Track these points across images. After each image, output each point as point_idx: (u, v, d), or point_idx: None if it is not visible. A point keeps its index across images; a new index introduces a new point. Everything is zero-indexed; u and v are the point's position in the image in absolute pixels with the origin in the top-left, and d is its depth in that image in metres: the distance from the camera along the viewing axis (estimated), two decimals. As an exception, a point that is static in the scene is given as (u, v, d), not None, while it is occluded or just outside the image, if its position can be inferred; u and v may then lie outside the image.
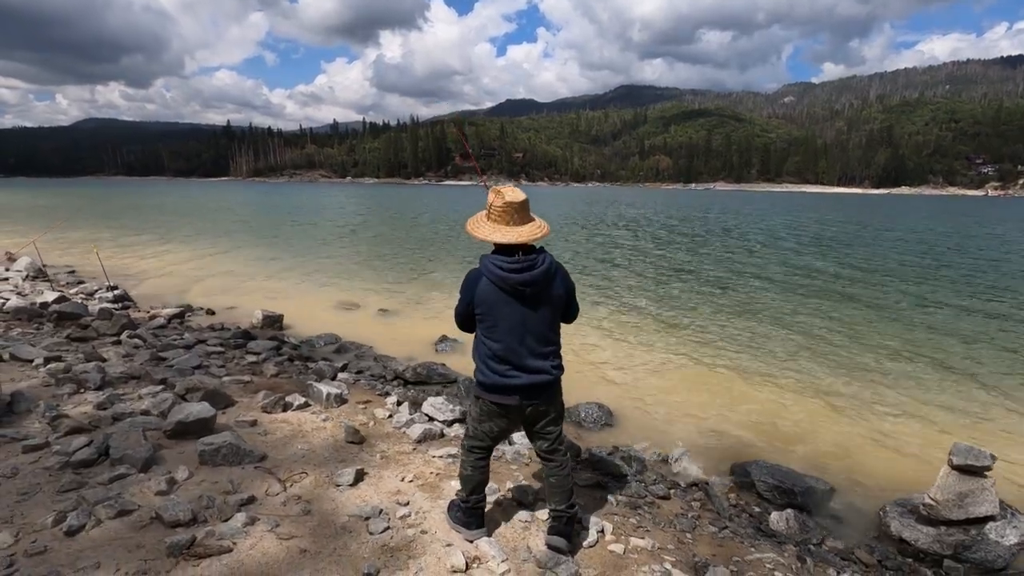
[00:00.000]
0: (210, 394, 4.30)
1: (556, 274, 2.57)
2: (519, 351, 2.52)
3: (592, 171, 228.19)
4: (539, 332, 2.55)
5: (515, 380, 2.54)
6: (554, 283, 2.56)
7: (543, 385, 2.59)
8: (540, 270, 2.48)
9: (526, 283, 2.45)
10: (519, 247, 2.49)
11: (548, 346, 2.60)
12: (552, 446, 2.77)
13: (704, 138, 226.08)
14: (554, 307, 2.59)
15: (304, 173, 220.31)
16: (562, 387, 2.76)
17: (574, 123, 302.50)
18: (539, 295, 2.51)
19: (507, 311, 2.50)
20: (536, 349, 2.55)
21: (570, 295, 2.69)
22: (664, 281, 12.00)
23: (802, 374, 6.35)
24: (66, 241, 17.62)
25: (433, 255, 16.37)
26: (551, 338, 2.61)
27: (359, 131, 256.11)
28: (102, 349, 5.83)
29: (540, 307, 2.53)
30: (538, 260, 2.50)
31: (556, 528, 2.77)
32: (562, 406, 2.81)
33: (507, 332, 2.51)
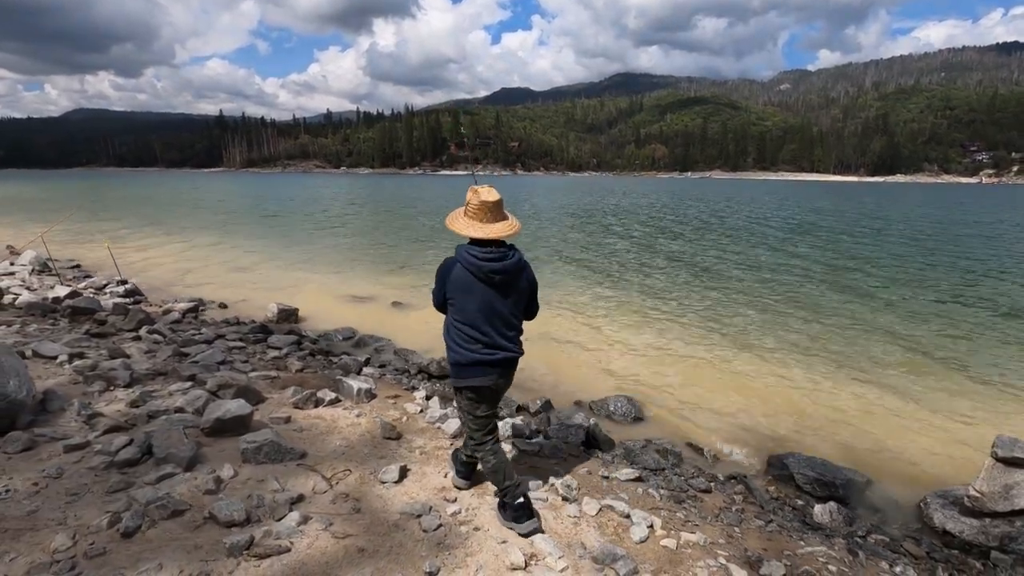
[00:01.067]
0: (242, 391, 4.27)
1: (524, 268, 2.88)
2: (488, 331, 2.81)
3: (588, 160, 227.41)
4: (505, 317, 2.84)
5: (493, 355, 2.82)
6: (522, 275, 2.87)
7: (511, 361, 2.91)
8: (511, 262, 2.78)
9: (497, 271, 2.74)
10: (492, 242, 2.77)
11: (512, 330, 2.90)
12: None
13: (700, 126, 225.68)
14: (519, 297, 2.89)
15: (298, 163, 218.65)
16: None
17: (570, 112, 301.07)
18: (508, 284, 2.80)
19: (478, 296, 2.77)
20: (503, 331, 2.85)
21: (534, 290, 3.00)
22: (681, 273, 11.99)
23: (829, 365, 6.38)
24: (67, 234, 17.45)
25: (440, 246, 16.30)
26: (514, 324, 2.92)
27: (353, 121, 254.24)
28: (123, 345, 5.78)
29: (508, 295, 2.82)
30: (509, 253, 2.81)
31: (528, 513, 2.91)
32: None
33: (477, 314, 2.79)
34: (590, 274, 11.70)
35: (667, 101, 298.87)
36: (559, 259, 13.81)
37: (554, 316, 8.24)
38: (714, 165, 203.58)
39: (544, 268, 12.49)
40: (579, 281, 10.90)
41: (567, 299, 9.36)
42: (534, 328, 7.56)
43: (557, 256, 14.31)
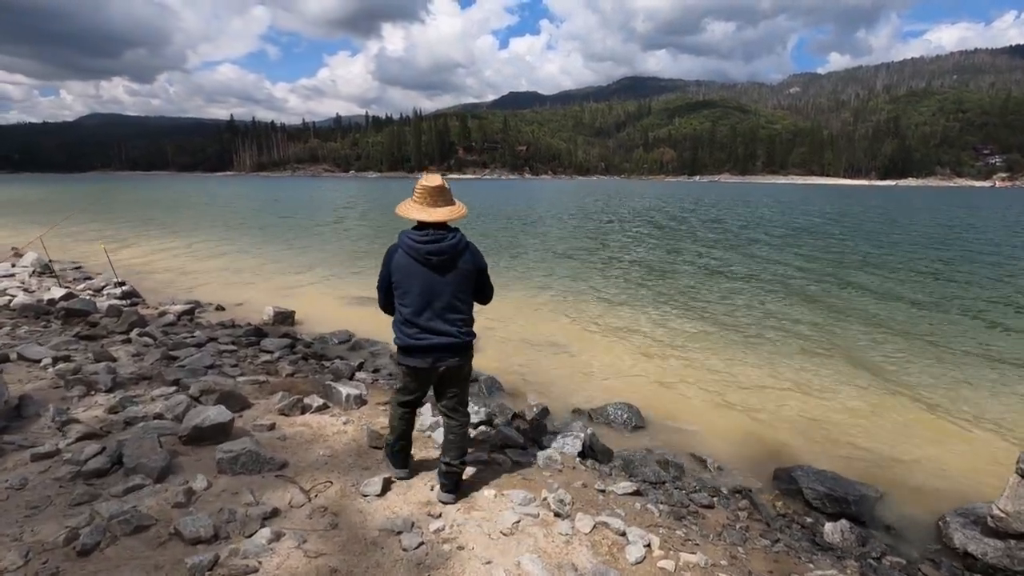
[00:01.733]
0: (225, 396, 4.11)
1: (465, 250, 2.90)
2: (428, 315, 2.86)
3: (596, 164, 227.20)
4: (447, 300, 2.87)
5: (425, 341, 2.88)
6: (462, 257, 2.88)
7: (451, 347, 2.92)
8: (448, 243, 2.83)
9: (433, 252, 2.81)
10: (432, 225, 2.86)
11: (455, 314, 2.91)
12: (454, 404, 3.11)
13: (709, 130, 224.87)
14: (462, 280, 2.89)
15: (307, 167, 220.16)
16: (472, 354, 3.10)
17: (578, 115, 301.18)
18: (446, 266, 2.85)
19: (418, 278, 2.85)
20: (444, 315, 2.88)
21: (481, 272, 3.00)
22: (686, 276, 11.75)
23: (839, 370, 6.13)
24: (72, 236, 17.49)
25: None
26: (459, 307, 2.92)
27: (362, 125, 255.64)
28: (112, 348, 5.66)
29: (448, 278, 2.85)
30: (447, 236, 2.86)
31: (447, 485, 3.08)
32: (470, 371, 3.16)
33: (417, 297, 2.86)
34: (593, 277, 11.51)
35: (675, 104, 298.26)
36: (563, 261, 13.62)
37: (555, 320, 8.06)
38: (723, 169, 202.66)
39: (548, 271, 12.31)
40: (581, 284, 10.71)
41: (568, 302, 9.18)
42: (535, 332, 7.40)
43: (561, 258, 14.12)
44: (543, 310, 8.68)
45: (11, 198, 42.43)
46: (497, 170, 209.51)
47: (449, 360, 2.95)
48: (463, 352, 3.00)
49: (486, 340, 7.04)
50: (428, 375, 3.01)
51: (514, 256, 14.74)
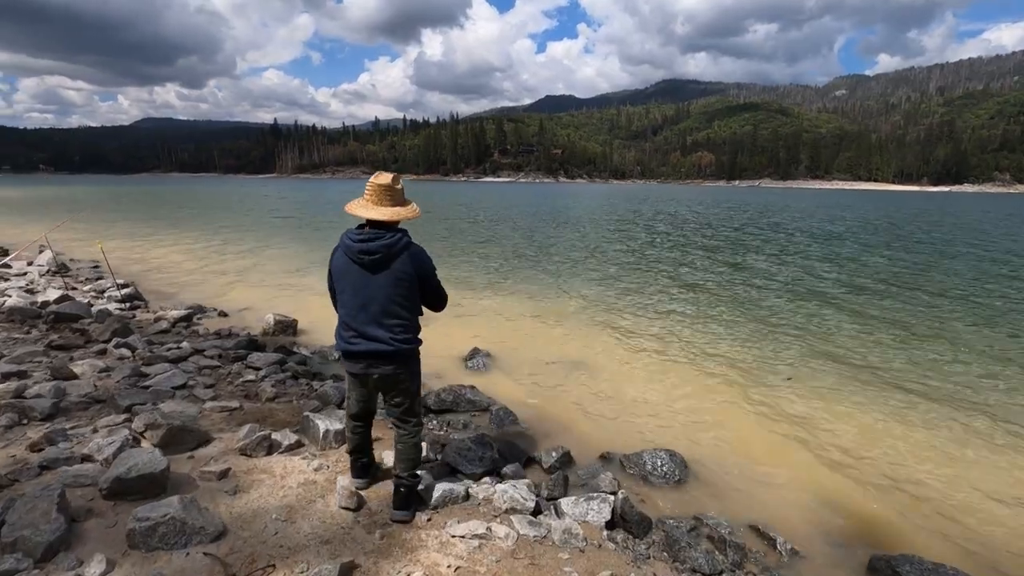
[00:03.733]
0: (174, 433, 3.38)
1: (403, 252, 2.68)
2: (360, 318, 2.70)
3: (632, 167, 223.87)
4: (382, 303, 2.68)
5: (357, 346, 2.73)
6: (398, 259, 2.67)
7: (383, 354, 2.72)
8: (380, 243, 2.64)
9: (364, 251, 2.65)
10: (378, 224, 2.70)
11: (392, 319, 2.71)
12: (400, 414, 2.92)
13: (749, 133, 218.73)
14: (399, 282, 2.68)
15: (346, 170, 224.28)
16: (415, 363, 2.90)
17: (614, 119, 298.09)
18: (379, 266, 2.66)
19: (352, 279, 2.70)
20: (378, 319, 2.69)
21: (423, 277, 2.77)
22: (741, 293, 10.50)
23: (953, 422, 4.84)
24: (99, 236, 17.48)
25: (466, 254, 15.42)
26: (396, 312, 2.71)
27: (400, 128, 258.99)
28: (81, 360, 5.04)
29: (383, 280, 2.66)
30: (384, 235, 2.67)
31: (397, 500, 2.88)
32: (411, 380, 2.89)
33: (351, 298, 2.72)
34: (630, 289, 10.47)
35: (715, 108, 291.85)
36: (596, 270, 12.66)
37: (585, 339, 7.11)
38: (763, 173, 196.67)
39: (579, 280, 11.38)
40: (616, 297, 9.68)
41: (601, 318, 8.18)
42: (560, 352, 6.48)
43: (594, 267, 13.17)
44: (572, 326, 7.76)
45: (60, 197, 43.94)
46: (532, 173, 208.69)
47: (382, 367, 2.76)
48: (399, 360, 2.77)
49: (504, 360, 6.20)
50: (365, 382, 2.85)
51: (541, 262, 13.86)
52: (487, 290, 10.18)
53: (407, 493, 2.89)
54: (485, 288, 10.37)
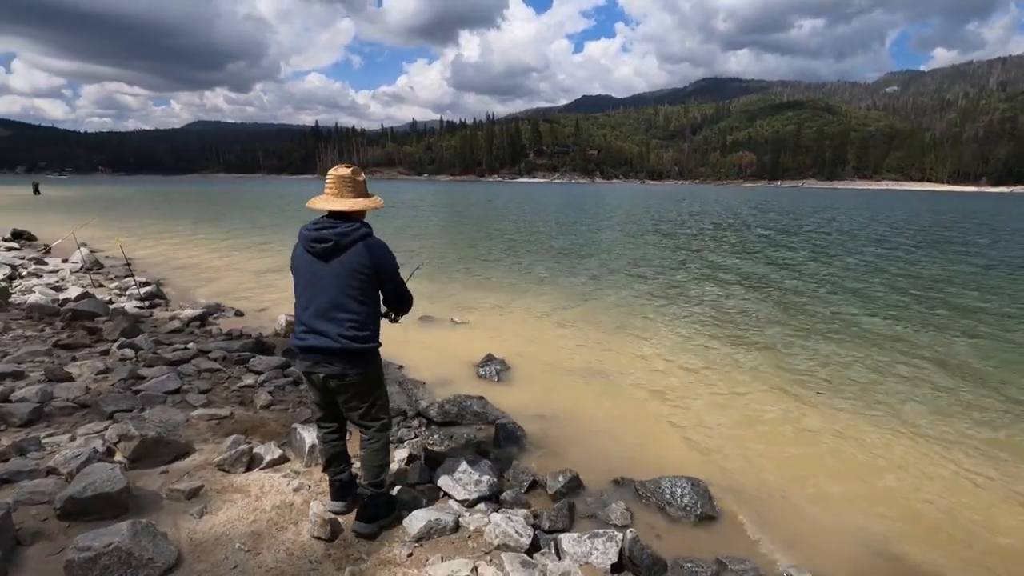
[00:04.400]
0: (148, 445, 3.15)
1: (358, 242, 2.52)
2: (310, 311, 2.55)
3: (669, 168, 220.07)
4: (331, 296, 2.51)
5: (303, 341, 2.56)
6: (352, 249, 2.51)
7: (329, 351, 2.52)
8: (334, 231, 2.51)
9: (316, 239, 2.51)
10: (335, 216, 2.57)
11: (341, 312, 2.52)
12: (360, 420, 2.71)
13: (793, 132, 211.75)
14: (352, 274, 2.51)
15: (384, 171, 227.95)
16: (370, 365, 2.64)
17: (651, 118, 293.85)
18: (330, 255, 2.51)
19: (305, 269, 2.58)
20: (327, 312, 2.52)
21: (380, 272, 2.58)
22: (785, 301, 9.67)
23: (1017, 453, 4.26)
24: (136, 234, 17.93)
25: (491, 253, 15.11)
26: (347, 305, 2.53)
27: (436, 129, 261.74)
28: (83, 361, 4.94)
29: (335, 270, 2.51)
30: (339, 225, 2.53)
31: (360, 512, 2.70)
32: (365, 383, 2.64)
33: (302, 289, 2.59)
34: (664, 300, 9.87)
35: (757, 106, 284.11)
36: (630, 278, 12.14)
37: (610, 351, 6.59)
38: (807, 173, 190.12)
39: (612, 287, 10.90)
40: (651, 308, 9.01)
41: (631, 329, 7.62)
42: (583, 361, 6.04)
43: (628, 275, 12.65)
44: (597, 334, 7.29)
45: (112, 195, 45.80)
46: (567, 174, 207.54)
47: (328, 367, 2.54)
48: (348, 360, 2.53)
49: (520, 368, 5.83)
50: (315, 382, 2.63)
51: (569, 264, 13.43)
52: (509, 292, 9.83)
53: (371, 504, 2.71)
54: (507, 290, 10.02)
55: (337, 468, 2.83)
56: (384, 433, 2.75)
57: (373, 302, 2.63)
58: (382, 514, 2.74)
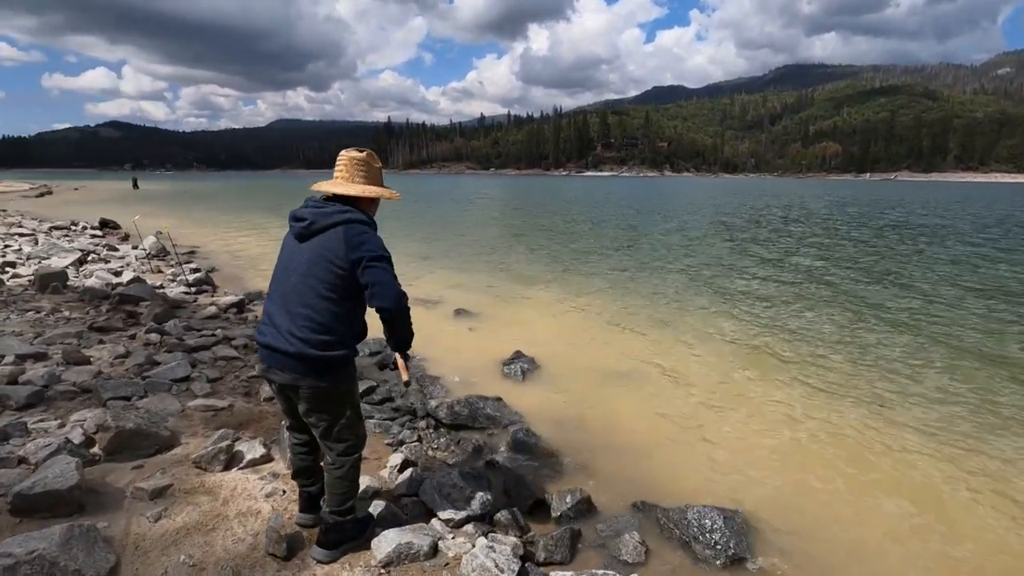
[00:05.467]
0: (125, 437, 2.98)
1: (339, 225, 2.12)
2: (276, 300, 2.19)
3: (744, 160, 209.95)
4: (294, 284, 2.14)
5: (261, 336, 2.21)
6: (327, 233, 2.12)
7: (283, 355, 2.11)
8: (319, 210, 2.18)
9: (295, 218, 2.23)
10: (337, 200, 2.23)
11: (300, 307, 2.11)
12: (321, 438, 2.29)
13: (885, 120, 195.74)
14: (320, 261, 2.10)
15: (451, 165, 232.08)
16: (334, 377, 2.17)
17: (726, 108, 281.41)
18: (305, 236, 2.17)
19: (284, 250, 2.28)
20: (288, 304, 2.14)
21: (355, 263, 2.07)
22: (867, 310, 8.56)
23: None
24: (208, 224, 18.85)
25: (541, 247, 14.64)
26: (309, 301, 2.11)
27: (503, 124, 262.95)
28: (109, 344, 4.97)
29: (306, 254, 2.15)
30: (327, 205, 2.20)
31: (320, 538, 2.34)
32: (325, 398, 2.19)
33: (276, 274, 2.27)
34: (721, 300, 8.89)
35: (844, 93, 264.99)
36: (688, 276, 11.32)
37: (653, 355, 5.89)
38: (900, 165, 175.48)
39: (668, 285, 10.18)
40: (707, 309, 8.22)
41: (679, 332, 6.89)
42: (616, 369, 5.44)
43: (687, 272, 11.83)
44: (641, 336, 6.64)
45: (200, 189, 49.05)
46: (635, 167, 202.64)
47: (280, 375, 2.15)
48: (301, 368, 2.10)
49: (549, 368, 5.37)
50: (272, 387, 2.30)
51: (624, 258, 12.76)
52: (555, 288, 9.35)
53: (333, 530, 2.34)
54: (553, 285, 9.54)
55: (305, 480, 2.51)
56: (349, 457, 2.32)
57: (345, 301, 2.14)
58: (346, 539, 2.38)
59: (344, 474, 2.31)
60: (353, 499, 2.38)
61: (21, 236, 12.89)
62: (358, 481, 2.44)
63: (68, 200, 34.17)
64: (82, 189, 48.40)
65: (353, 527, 2.41)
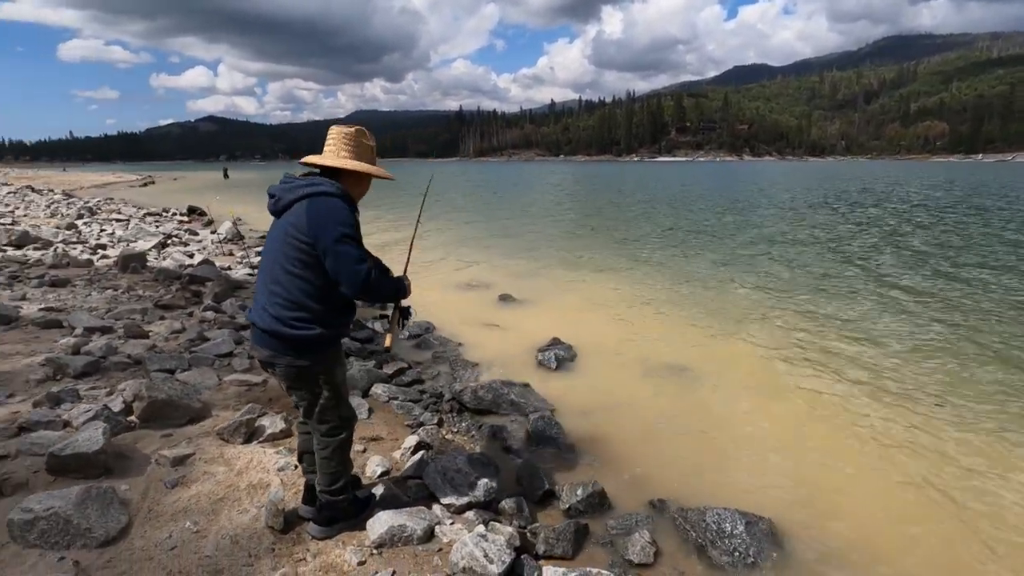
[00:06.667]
0: (158, 407, 3.15)
1: (302, 199, 2.07)
2: (260, 277, 2.21)
3: (834, 142, 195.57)
4: (272, 266, 2.13)
5: (249, 314, 2.22)
6: (292, 209, 2.09)
7: (261, 331, 2.12)
8: (285, 186, 2.15)
9: (271, 193, 2.19)
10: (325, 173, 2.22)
11: (275, 286, 2.10)
12: (307, 420, 2.31)
13: (1003, 95, 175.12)
14: (287, 239, 2.07)
15: (521, 153, 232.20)
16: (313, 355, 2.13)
17: (815, 87, 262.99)
18: (278, 214, 2.16)
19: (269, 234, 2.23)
20: (266, 283, 2.15)
21: (318, 236, 2.01)
22: (952, 305, 7.90)
23: None
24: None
25: (600, 236, 14.29)
26: (278, 277, 2.10)
27: (574, 109, 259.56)
28: (171, 320, 5.32)
29: (277, 234, 2.14)
30: (296, 180, 2.16)
31: (316, 515, 2.36)
32: (306, 377, 2.17)
33: (263, 251, 2.27)
34: (783, 302, 8.19)
35: (954, 66, 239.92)
36: (753, 267, 10.68)
37: (699, 347, 5.53)
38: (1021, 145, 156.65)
39: (729, 275, 9.65)
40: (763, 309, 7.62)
41: (728, 326, 6.45)
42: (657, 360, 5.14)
43: (753, 264, 11.16)
44: (691, 327, 6.31)
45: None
46: (712, 151, 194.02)
47: (259, 351, 2.16)
48: (277, 346, 2.10)
49: (585, 356, 5.20)
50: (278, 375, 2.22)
51: (684, 246, 12.21)
52: (603, 275, 9.08)
53: (327, 508, 2.36)
54: (602, 273, 9.28)
55: (308, 466, 2.46)
56: (332, 439, 2.28)
57: (316, 278, 2.08)
58: (341, 517, 2.39)
59: (330, 455, 2.29)
60: (343, 479, 2.36)
61: (117, 221, 14.14)
62: (348, 461, 2.41)
63: (167, 189, 37.24)
64: (180, 179, 52.59)
65: (349, 506, 2.41)
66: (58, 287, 6.46)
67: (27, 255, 8.49)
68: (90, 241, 10.34)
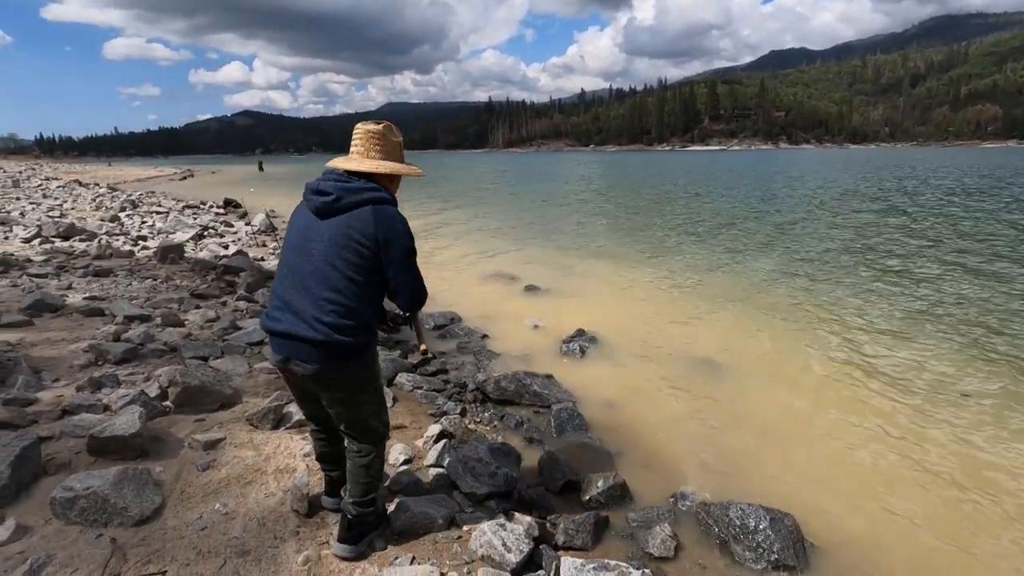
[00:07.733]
0: (191, 393, 3.26)
1: (365, 204, 1.97)
2: (290, 282, 2.01)
3: (877, 128, 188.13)
4: (317, 265, 1.96)
5: (275, 323, 2.01)
6: (354, 212, 1.96)
7: (305, 341, 1.94)
8: (340, 184, 2.00)
9: (316, 191, 2.03)
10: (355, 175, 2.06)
11: (325, 289, 1.95)
12: (345, 429, 2.19)
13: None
14: (349, 242, 1.94)
15: (550, 143, 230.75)
16: (361, 364, 2.06)
17: (856, 71, 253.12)
18: (328, 212, 1.98)
19: (297, 226, 2.07)
20: (307, 284, 1.97)
21: (385, 248, 1.96)
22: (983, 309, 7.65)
23: None
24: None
25: (628, 227, 14.11)
26: (333, 281, 1.94)
27: (605, 98, 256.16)
28: (206, 309, 5.48)
29: (329, 233, 1.96)
30: (353, 180, 2.02)
31: (341, 534, 2.20)
32: (351, 387, 2.08)
33: (287, 252, 2.07)
34: (815, 286, 8.14)
35: (1009, 46, 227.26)
36: (781, 260, 10.42)
37: (729, 339, 5.43)
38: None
39: (758, 266, 9.44)
40: (801, 294, 7.55)
41: (762, 318, 6.36)
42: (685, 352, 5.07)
43: (784, 257, 10.88)
44: (721, 318, 6.21)
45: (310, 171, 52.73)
46: (747, 139, 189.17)
47: (303, 366, 1.98)
48: (326, 356, 1.96)
49: (610, 347, 5.16)
50: (290, 379, 2.15)
51: (713, 237, 11.96)
52: (631, 266, 8.98)
53: (354, 524, 2.20)
54: (630, 263, 9.17)
55: (328, 466, 2.43)
56: (376, 447, 2.21)
57: (369, 284, 1.99)
58: (369, 530, 2.27)
59: (369, 463, 2.20)
60: (376, 490, 2.28)
61: (157, 214, 14.64)
62: (383, 471, 2.37)
63: (205, 182, 38.32)
64: (218, 172, 54.06)
65: (376, 519, 2.31)
66: (101, 277, 6.74)
67: (73, 246, 8.88)
68: (132, 233, 10.74)
